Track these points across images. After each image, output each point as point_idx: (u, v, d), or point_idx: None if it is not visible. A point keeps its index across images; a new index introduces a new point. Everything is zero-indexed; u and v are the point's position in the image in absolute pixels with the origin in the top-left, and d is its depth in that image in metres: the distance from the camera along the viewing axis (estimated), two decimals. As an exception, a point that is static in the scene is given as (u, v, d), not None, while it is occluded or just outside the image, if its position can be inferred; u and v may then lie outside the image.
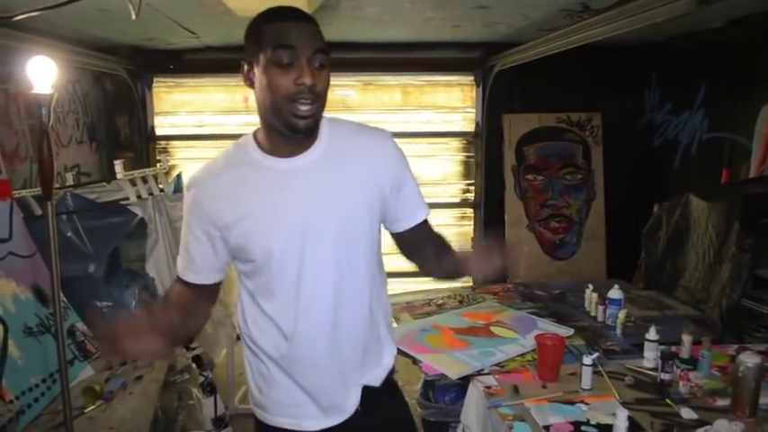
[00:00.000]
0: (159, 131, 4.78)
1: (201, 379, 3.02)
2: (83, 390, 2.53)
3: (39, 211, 2.83)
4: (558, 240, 4.87)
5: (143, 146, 4.73)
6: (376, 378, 1.57)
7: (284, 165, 1.40)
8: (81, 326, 2.80)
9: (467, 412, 2.00)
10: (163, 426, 2.62)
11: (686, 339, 2.14)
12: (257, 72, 1.35)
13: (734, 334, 2.62)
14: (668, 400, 1.83)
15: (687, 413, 1.74)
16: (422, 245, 1.62)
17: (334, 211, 1.41)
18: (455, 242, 4.92)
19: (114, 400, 2.51)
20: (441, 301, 2.93)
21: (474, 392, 1.99)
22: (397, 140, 4.32)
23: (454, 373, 2.10)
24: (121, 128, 4.75)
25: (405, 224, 1.56)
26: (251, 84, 1.38)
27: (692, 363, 2.06)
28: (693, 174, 4.18)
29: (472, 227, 5.08)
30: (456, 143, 5.01)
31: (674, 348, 2.12)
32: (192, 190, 1.44)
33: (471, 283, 3.83)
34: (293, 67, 1.30)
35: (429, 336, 2.42)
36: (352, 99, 4.84)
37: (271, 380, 1.51)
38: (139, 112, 4.70)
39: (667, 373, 1.91)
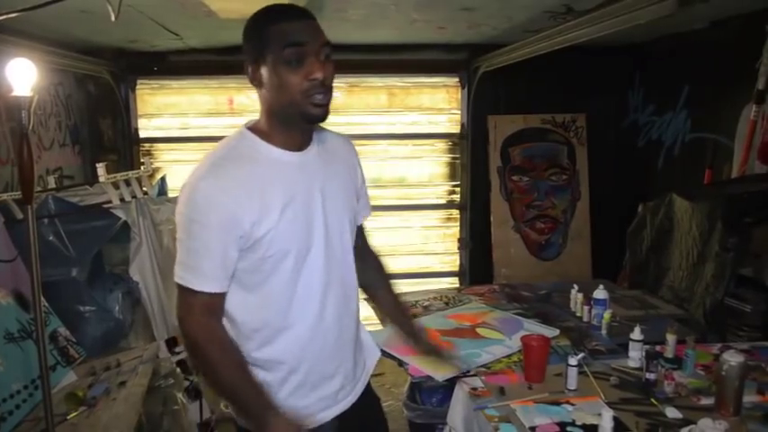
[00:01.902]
0: (143, 134, 4.74)
1: (186, 383, 2.99)
2: (65, 396, 2.50)
3: (20, 215, 2.79)
4: (543, 241, 4.88)
5: (127, 148, 4.69)
6: (366, 376, 1.68)
7: (296, 158, 1.45)
8: (63, 331, 2.77)
9: (453, 414, 2.00)
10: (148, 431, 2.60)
11: (670, 339, 2.15)
12: (265, 71, 1.38)
13: (717, 333, 2.64)
14: (653, 400, 1.84)
15: (672, 412, 1.75)
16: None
17: (341, 202, 1.53)
18: (442, 244, 4.87)
19: (98, 406, 2.49)
20: (427, 303, 2.93)
21: (460, 394, 1.99)
22: (383, 142, 4.41)
23: (440, 375, 2.10)
24: (105, 130, 4.70)
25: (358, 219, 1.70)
26: (258, 83, 1.40)
27: (677, 362, 2.08)
28: (677, 174, 4.21)
29: (458, 228, 5.08)
30: (442, 144, 5.01)
31: (658, 348, 2.13)
32: (206, 188, 1.36)
33: (458, 285, 3.86)
34: (303, 64, 1.35)
35: (415, 338, 2.41)
36: (338, 101, 4.83)
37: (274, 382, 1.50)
38: (123, 114, 4.65)
39: (652, 372, 1.93)
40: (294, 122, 1.43)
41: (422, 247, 5.02)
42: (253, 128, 1.46)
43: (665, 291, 3.05)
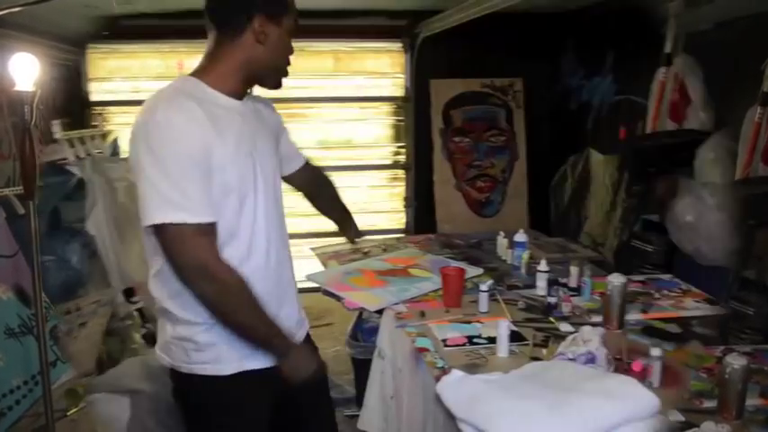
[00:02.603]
0: (94, 97, 4.85)
1: (143, 330, 3.20)
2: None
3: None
4: (483, 199, 5.18)
5: (78, 111, 4.79)
6: (302, 331, 1.79)
7: (239, 105, 1.57)
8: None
9: (381, 337, 2.26)
10: (107, 368, 2.81)
11: (573, 270, 2.45)
12: (275, 31, 1.53)
13: (624, 270, 2.96)
14: (551, 319, 2.13)
15: (565, 327, 2.04)
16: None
17: (269, 157, 1.66)
18: (388, 203, 5.15)
19: (60, 343, 2.67)
20: (366, 250, 3.18)
21: (386, 319, 2.25)
22: (330, 105, 4.73)
23: (372, 306, 2.34)
24: (56, 94, 4.79)
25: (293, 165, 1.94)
26: (259, 38, 1.51)
27: (577, 291, 2.38)
28: (603, 133, 4.51)
29: (404, 187, 5.34)
30: (386, 107, 5.24)
31: (564, 280, 2.44)
32: (171, 120, 1.39)
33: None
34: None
35: (352, 277, 2.66)
36: (286, 65, 5.01)
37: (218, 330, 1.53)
38: (74, 78, 4.75)
39: (553, 296, 2.22)
40: (261, 81, 1.61)
41: (369, 206, 5.26)
42: (195, 74, 1.54)
43: (584, 237, 3.37)
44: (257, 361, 1.57)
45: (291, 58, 1.63)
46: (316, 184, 2.11)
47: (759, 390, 1.70)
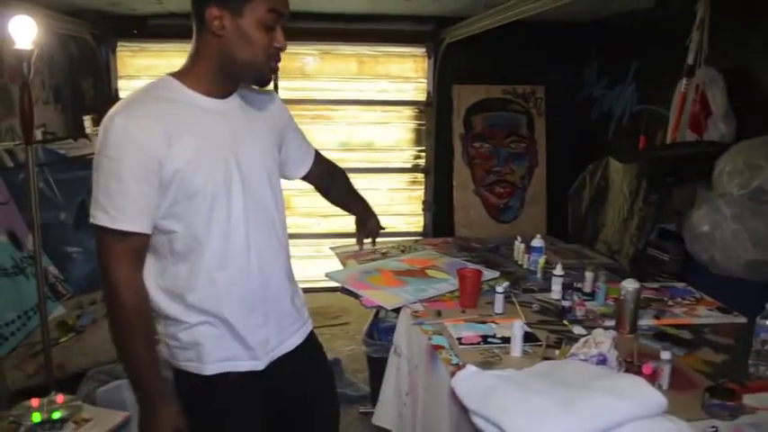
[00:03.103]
0: (123, 94, 4.96)
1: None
2: (57, 324, 2.78)
3: (11, 164, 3.04)
4: (502, 204, 5.23)
5: (107, 108, 4.88)
6: (300, 333, 1.76)
7: (217, 105, 1.52)
8: (53, 269, 3.04)
9: (398, 334, 2.32)
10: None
11: (588, 275, 2.49)
12: (232, 23, 1.44)
13: (639, 278, 2.99)
14: (565, 322, 2.17)
15: (578, 330, 2.08)
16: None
17: (257, 157, 1.59)
18: (407, 206, 5.20)
19: (86, 332, 2.78)
20: (385, 251, 3.23)
21: (404, 317, 2.31)
22: (353, 108, 4.78)
23: (390, 305, 2.40)
24: (86, 90, 4.92)
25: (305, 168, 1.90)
26: (217, 30, 1.44)
27: (592, 295, 2.43)
28: (624, 142, 4.55)
29: (423, 191, 5.40)
30: (408, 111, 5.31)
31: (579, 284, 2.48)
32: (122, 125, 1.37)
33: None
34: (275, 30, 1.48)
35: (370, 276, 2.72)
36: (311, 67, 5.09)
37: (199, 331, 1.54)
38: (103, 75, 4.88)
39: (567, 300, 2.26)
40: (238, 78, 1.53)
41: (388, 209, 5.33)
42: (175, 74, 1.51)
43: (600, 244, 3.40)
44: (241, 363, 1.59)
45: (281, 47, 1.50)
46: (329, 177, 2.05)
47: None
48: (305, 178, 1.96)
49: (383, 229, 2.40)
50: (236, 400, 1.60)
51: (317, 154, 1.97)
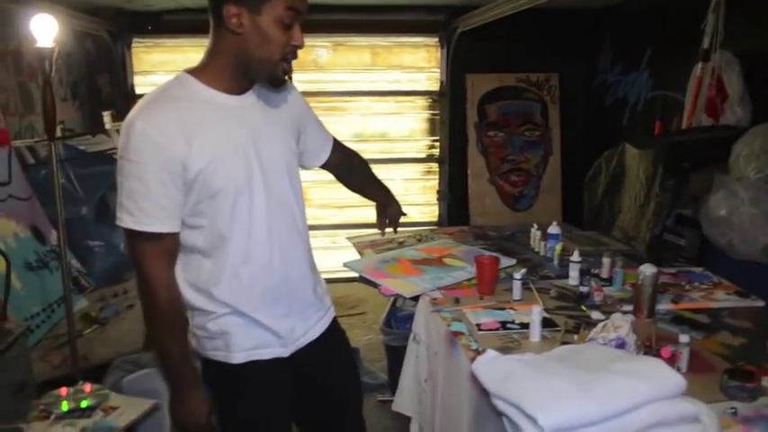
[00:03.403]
0: (139, 90, 5.02)
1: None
2: (80, 316, 2.84)
3: (32, 161, 3.09)
4: (517, 193, 5.24)
5: (123, 104, 4.96)
6: (324, 321, 1.81)
7: (236, 101, 1.53)
8: (75, 263, 3.09)
9: (416, 321, 2.34)
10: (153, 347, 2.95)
11: (605, 261, 2.50)
12: (250, 20, 1.43)
13: (656, 263, 2.99)
14: (583, 307, 2.19)
15: (596, 315, 2.10)
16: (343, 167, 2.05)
17: (279, 149, 1.62)
18: (422, 196, 5.22)
19: (108, 324, 2.83)
20: (401, 240, 3.26)
21: (422, 305, 2.33)
22: (367, 99, 4.78)
23: (408, 293, 2.42)
24: (102, 86, 4.98)
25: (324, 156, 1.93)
26: (234, 28, 1.44)
27: (609, 281, 2.44)
28: (639, 129, 4.54)
29: (437, 180, 5.42)
30: (422, 101, 5.33)
31: (596, 271, 2.49)
32: (143, 128, 1.39)
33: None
34: (292, 29, 1.47)
35: (388, 265, 2.74)
36: (324, 59, 5.11)
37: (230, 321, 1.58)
38: (120, 71, 4.93)
39: (585, 286, 2.27)
40: (253, 77, 1.53)
41: (403, 199, 5.20)
42: (192, 72, 1.52)
43: (617, 231, 3.40)
44: (268, 350, 1.63)
45: (298, 45, 1.50)
46: (348, 165, 2.07)
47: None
48: (324, 166, 1.98)
49: (405, 215, 2.43)
50: (263, 386, 1.64)
51: (336, 141, 1.99)
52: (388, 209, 2.35)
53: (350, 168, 2.10)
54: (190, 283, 1.56)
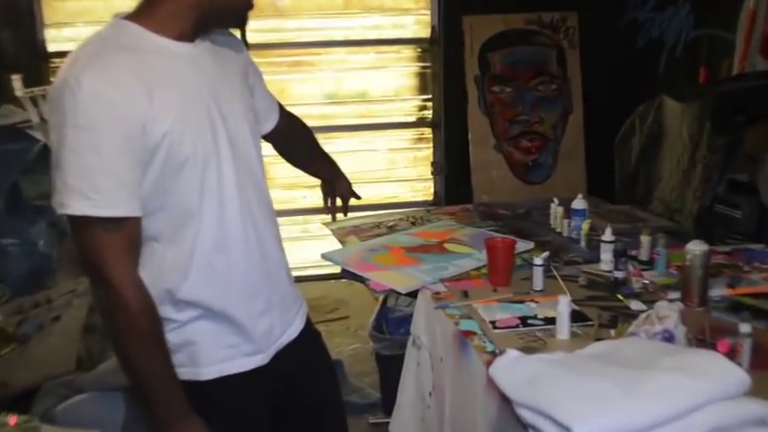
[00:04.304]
0: (52, 47, 4.98)
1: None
2: None
3: None
4: (530, 162, 5.28)
5: (34, 65, 4.91)
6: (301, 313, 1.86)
7: (188, 49, 1.55)
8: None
9: (416, 322, 2.38)
10: (88, 367, 2.96)
11: (644, 240, 2.54)
12: None
13: (707, 240, 3.05)
14: (620, 296, 2.24)
15: (636, 305, 2.14)
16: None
17: (239, 106, 1.66)
18: (413, 169, 5.27)
19: (30, 342, 2.83)
20: (391, 224, 3.29)
21: (422, 302, 2.37)
22: (340, 50, 4.84)
23: (404, 288, 2.44)
24: (5, 44, 4.92)
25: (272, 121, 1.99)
26: None
27: (650, 264, 2.49)
28: (680, 77, 4.58)
29: (431, 150, 5.44)
30: (409, 52, 5.34)
31: (633, 252, 2.54)
32: (93, 85, 1.37)
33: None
34: None
35: (377, 255, 2.76)
36: (285, 2, 5.10)
37: (199, 328, 1.59)
38: (26, 24, 4.87)
39: (620, 271, 2.32)
40: (216, 20, 1.59)
41: (389, 174, 5.37)
42: (132, 18, 1.52)
43: (656, 203, 3.45)
44: (244, 361, 1.64)
45: None
46: (292, 133, 2.13)
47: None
48: (268, 136, 2.03)
49: (358, 198, 2.51)
50: (239, 405, 1.65)
51: (281, 105, 2.06)
52: (337, 186, 2.42)
53: (293, 137, 2.16)
54: (148, 284, 1.51)
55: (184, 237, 1.54)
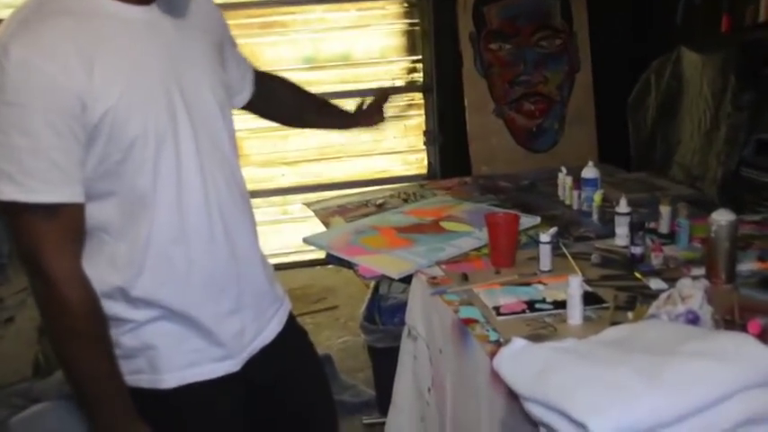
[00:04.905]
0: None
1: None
2: None
3: None
4: (534, 127, 5.26)
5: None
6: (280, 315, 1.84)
7: (142, 14, 1.50)
8: None
9: (411, 311, 2.38)
10: (46, 373, 2.95)
11: (664, 211, 2.55)
12: None
13: (734, 209, 3.05)
14: (637, 274, 2.24)
15: (656, 284, 2.14)
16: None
17: (204, 76, 1.62)
18: (403, 140, 5.27)
19: (-20, 347, 2.82)
20: (381, 201, 3.28)
21: (417, 287, 2.37)
22: (317, 8, 4.84)
23: (396, 273, 2.44)
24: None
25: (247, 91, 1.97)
26: None
27: (672, 237, 2.49)
28: (699, 26, 4.55)
29: (423, 117, 5.42)
30: (394, 7, 5.32)
31: (651, 225, 2.54)
32: (22, 56, 1.33)
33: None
34: None
35: (366, 237, 2.76)
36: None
37: (157, 333, 1.57)
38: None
39: (637, 246, 2.32)
40: None
41: (375, 146, 5.37)
42: None
43: (676, 169, 3.45)
44: (211, 367, 1.62)
45: None
46: (272, 95, 2.10)
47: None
48: (249, 106, 2.02)
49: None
50: (206, 417, 1.64)
51: (256, 70, 2.03)
52: (362, 117, 2.48)
53: (273, 100, 2.12)
54: (94, 280, 1.48)
55: (138, 227, 1.50)
